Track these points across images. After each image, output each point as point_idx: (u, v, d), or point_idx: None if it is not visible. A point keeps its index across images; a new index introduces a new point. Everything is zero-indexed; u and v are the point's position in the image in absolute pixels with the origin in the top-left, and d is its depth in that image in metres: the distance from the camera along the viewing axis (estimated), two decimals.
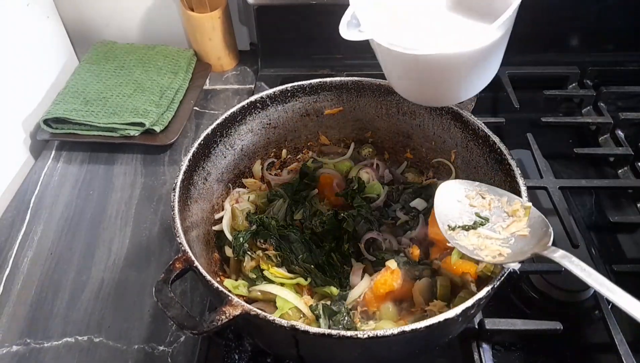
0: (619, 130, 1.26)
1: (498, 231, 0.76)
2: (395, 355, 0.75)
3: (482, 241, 0.75)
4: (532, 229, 0.74)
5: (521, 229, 0.74)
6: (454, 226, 0.78)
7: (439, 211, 0.79)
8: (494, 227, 0.77)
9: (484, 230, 0.77)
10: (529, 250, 0.70)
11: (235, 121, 0.98)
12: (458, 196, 0.82)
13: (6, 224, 1.14)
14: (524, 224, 0.75)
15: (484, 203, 0.80)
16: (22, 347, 0.93)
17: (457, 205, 0.81)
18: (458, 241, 0.76)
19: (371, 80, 1.02)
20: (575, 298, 0.95)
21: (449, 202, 0.81)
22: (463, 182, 0.83)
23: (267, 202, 1.01)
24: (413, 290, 0.86)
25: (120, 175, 1.25)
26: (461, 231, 0.77)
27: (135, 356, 0.91)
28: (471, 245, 0.75)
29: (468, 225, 0.78)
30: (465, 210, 0.80)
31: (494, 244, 0.74)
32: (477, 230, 0.77)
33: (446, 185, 0.83)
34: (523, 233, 0.74)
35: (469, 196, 0.81)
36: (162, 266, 0.77)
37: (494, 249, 0.73)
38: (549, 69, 1.42)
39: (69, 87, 1.35)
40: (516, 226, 0.75)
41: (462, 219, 0.79)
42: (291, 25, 1.40)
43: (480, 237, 0.76)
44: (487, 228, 0.77)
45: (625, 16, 1.39)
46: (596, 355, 0.92)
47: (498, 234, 0.75)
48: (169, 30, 1.54)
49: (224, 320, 0.65)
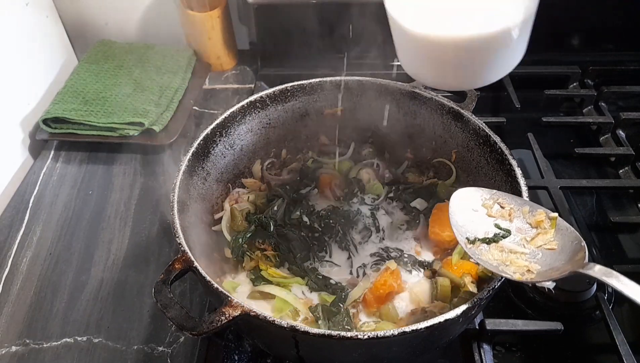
0: (620, 130, 1.26)
1: (522, 244, 0.69)
2: (395, 355, 0.75)
3: (507, 256, 0.69)
4: (560, 242, 0.67)
5: (548, 242, 0.68)
6: (473, 239, 0.71)
7: (455, 221, 0.73)
8: (517, 240, 0.70)
9: (507, 243, 0.70)
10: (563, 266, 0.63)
11: (234, 121, 0.98)
12: (474, 204, 0.75)
13: (5, 224, 1.14)
14: (550, 236, 0.68)
15: (503, 212, 0.73)
16: (21, 348, 0.92)
17: (474, 215, 0.74)
18: (480, 257, 0.69)
19: (371, 80, 1.01)
20: (576, 298, 0.95)
21: (465, 212, 0.74)
22: (479, 189, 0.77)
23: (267, 202, 1.01)
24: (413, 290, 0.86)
25: (120, 175, 1.24)
26: (482, 245, 0.71)
27: (134, 356, 0.91)
28: (495, 261, 0.68)
29: (489, 238, 0.71)
30: (483, 221, 0.73)
31: (519, 259, 0.68)
32: (499, 244, 0.70)
33: (461, 193, 0.76)
34: (551, 247, 0.67)
35: (486, 204, 0.75)
36: (162, 266, 0.77)
37: (521, 264, 0.67)
38: (550, 68, 1.41)
39: (68, 87, 1.35)
40: (542, 239, 0.69)
41: (481, 231, 0.71)
42: (291, 25, 1.40)
43: (504, 251, 0.69)
44: (510, 241, 0.70)
45: (625, 16, 1.39)
46: (597, 355, 0.91)
47: (523, 248, 0.69)
48: (168, 29, 1.54)
49: (223, 320, 0.65)
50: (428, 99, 0.98)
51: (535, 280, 0.65)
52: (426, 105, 0.99)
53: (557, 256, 0.66)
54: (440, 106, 0.97)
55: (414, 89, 0.99)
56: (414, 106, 1.01)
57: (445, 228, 0.92)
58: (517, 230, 0.72)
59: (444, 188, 1.01)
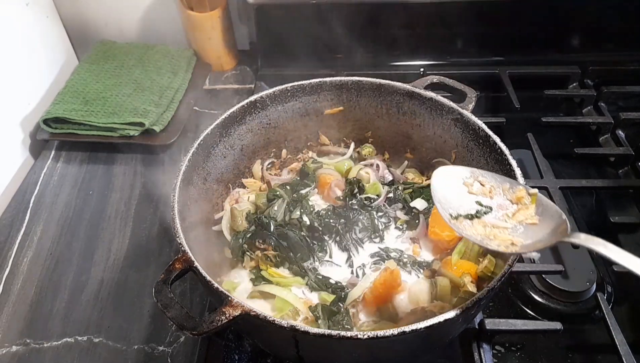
0: (620, 130, 1.26)
1: (504, 219, 0.72)
2: (395, 355, 0.75)
3: (490, 231, 0.71)
4: (542, 217, 0.70)
5: (529, 217, 0.70)
6: (456, 215, 0.73)
7: (438, 198, 0.75)
8: (499, 216, 0.72)
9: (489, 218, 0.72)
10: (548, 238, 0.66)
11: (235, 121, 0.98)
12: (456, 182, 0.77)
13: (6, 224, 1.14)
14: (531, 212, 0.71)
15: (484, 190, 0.76)
16: (21, 347, 0.93)
17: (456, 192, 0.76)
18: (464, 231, 0.72)
19: (371, 80, 1.02)
20: (575, 298, 0.95)
21: (448, 189, 0.76)
22: (459, 168, 0.79)
23: (267, 202, 1.01)
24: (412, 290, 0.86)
25: (120, 175, 1.24)
26: (465, 221, 0.73)
27: (134, 356, 0.91)
28: (479, 235, 0.71)
29: (471, 214, 0.73)
30: (465, 197, 0.75)
31: (503, 233, 0.70)
32: (481, 219, 0.72)
33: (442, 171, 0.78)
34: (532, 222, 0.70)
35: (466, 183, 0.77)
36: (162, 266, 0.77)
37: (505, 238, 0.69)
38: (550, 68, 1.41)
39: (69, 87, 1.35)
40: (523, 214, 0.71)
41: (464, 207, 0.74)
42: (291, 25, 1.40)
43: (486, 226, 0.71)
44: (492, 217, 0.72)
45: (625, 16, 1.39)
46: (597, 355, 0.91)
47: (505, 223, 0.71)
48: (168, 29, 1.54)
49: (223, 320, 0.65)
50: (427, 99, 0.98)
51: (519, 252, 0.68)
52: (426, 105, 0.99)
53: (539, 230, 0.69)
54: (440, 106, 0.97)
55: (414, 89, 0.99)
56: (413, 106, 1.01)
57: (445, 228, 0.92)
58: (498, 206, 0.74)
59: None
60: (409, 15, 1.37)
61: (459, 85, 1.00)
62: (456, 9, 1.36)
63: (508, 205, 0.74)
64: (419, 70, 1.44)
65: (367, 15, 1.38)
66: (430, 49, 1.45)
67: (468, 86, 0.99)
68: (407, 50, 1.45)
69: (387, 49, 1.45)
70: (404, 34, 1.42)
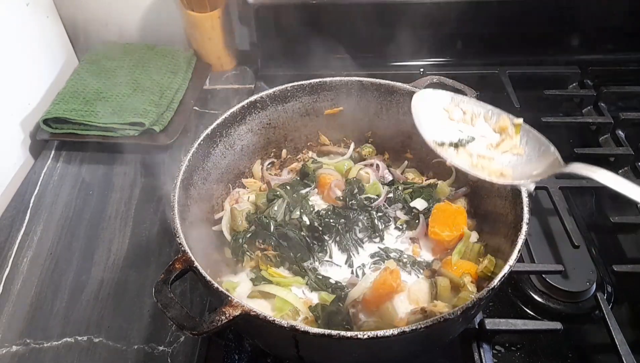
0: (620, 130, 1.26)
1: (488, 149, 0.69)
2: (395, 355, 0.75)
3: (477, 161, 0.68)
4: (528, 147, 0.67)
5: (514, 147, 0.67)
6: (441, 142, 0.70)
7: (419, 123, 0.71)
8: (482, 145, 0.69)
9: (473, 148, 0.69)
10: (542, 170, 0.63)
11: (235, 121, 0.98)
12: (436, 107, 0.73)
13: (6, 224, 1.14)
14: (516, 142, 0.68)
15: (465, 118, 0.72)
16: (21, 347, 0.93)
17: (437, 118, 0.72)
18: (451, 159, 0.68)
19: (371, 80, 1.02)
20: (575, 298, 0.95)
21: (429, 114, 0.72)
22: (440, 92, 0.75)
23: (267, 202, 1.01)
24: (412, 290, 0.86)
25: (120, 175, 1.24)
26: (449, 148, 0.69)
27: (135, 356, 0.91)
28: (466, 164, 0.68)
29: (454, 142, 0.70)
30: (446, 124, 0.71)
31: (492, 164, 0.67)
32: (466, 148, 0.69)
33: (422, 94, 0.74)
34: (518, 152, 0.67)
35: (447, 108, 0.73)
36: (162, 266, 0.77)
37: (494, 169, 0.66)
38: (549, 69, 1.42)
39: (69, 87, 1.35)
40: (508, 144, 0.68)
41: (446, 135, 0.70)
42: (291, 25, 1.40)
43: (472, 156, 0.68)
44: (476, 146, 0.69)
45: (625, 17, 1.39)
46: (596, 355, 0.92)
47: (490, 153, 0.68)
48: (168, 30, 1.54)
49: (223, 320, 0.65)
50: None
51: (512, 183, 0.66)
52: None
53: (527, 161, 0.67)
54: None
55: (414, 89, 0.99)
56: None
57: (445, 227, 0.92)
58: (481, 135, 0.71)
59: (443, 188, 1.01)
60: (409, 15, 1.37)
61: (459, 85, 1.00)
62: (456, 9, 1.36)
63: (491, 135, 0.70)
64: (419, 70, 1.44)
65: (367, 15, 1.38)
66: (430, 49, 1.45)
67: (468, 86, 0.99)
68: (407, 50, 1.45)
69: (387, 49, 1.45)
70: (404, 34, 1.42)
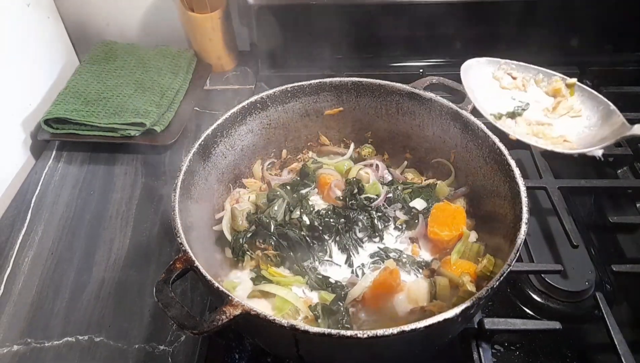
0: None
1: (545, 115, 0.65)
2: (395, 354, 0.76)
3: (537, 129, 0.64)
4: (585, 108, 0.63)
5: (571, 109, 0.64)
6: (498, 115, 0.66)
7: (475, 97, 0.68)
8: (538, 111, 0.65)
9: (531, 115, 0.65)
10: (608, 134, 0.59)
11: (235, 122, 0.98)
12: (486, 78, 0.70)
13: (7, 224, 1.14)
14: (572, 103, 0.64)
15: (516, 83, 0.69)
16: (23, 347, 0.93)
17: (489, 89, 0.69)
18: (514, 133, 0.64)
19: (371, 80, 1.02)
20: (574, 298, 0.95)
21: (480, 86, 0.69)
22: (486, 60, 0.71)
23: (267, 202, 1.01)
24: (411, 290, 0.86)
25: (121, 175, 1.25)
26: (507, 120, 0.66)
27: (135, 355, 0.91)
28: (526, 135, 0.64)
29: (510, 112, 0.66)
30: (498, 93, 0.68)
31: (551, 130, 0.63)
32: (523, 116, 0.66)
33: (470, 66, 0.70)
34: (576, 114, 0.63)
35: (496, 76, 0.70)
36: (163, 266, 0.78)
37: (555, 136, 0.62)
38: (549, 69, 1.41)
39: (70, 88, 1.35)
40: (564, 106, 0.65)
41: (501, 106, 0.66)
42: (291, 26, 1.41)
43: (531, 124, 0.65)
44: (532, 112, 0.65)
45: (625, 16, 1.39)
46: (596, 354, 0.92)
47: (547, 118, 0.64)
48: (169, 30, 1.54)
49: (224, 319, 0.65)
50: (427, 100, 0.98)
51: (580, 152, 0.61)
52: (425, 106, 0.99)
53: (587, 123, 0.62)
54: (439, 107, 0.97)
55: (413, 90, 0.99)
56: (412, 107, 1.01)
57: (444, 227, 0.92)
58: (535, 101, 0.67)
59: (442, 188, 1.01)
60: (409, 15, 1.38)
61: (459, 85, 1.00)
62: (456, 9, 1.36)
63: (545, 98, 0.67)
64: (418, 70, 1.44)
65: (367, 15, 1.39)
66: (430, 49, 1.46)
67: None
68: (407, 50, 1.45)
69: (387, 49, 1.45)
70: (403, 34, 1.43)
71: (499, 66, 0.71)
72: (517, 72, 0.70)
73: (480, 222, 0.96)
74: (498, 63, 0.71)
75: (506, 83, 0.70)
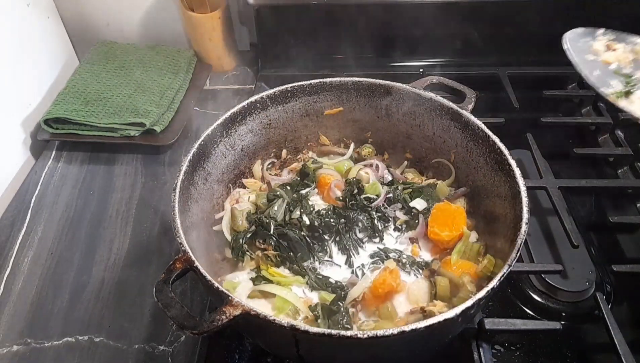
0: (619, 130, 1.26)
1: None
2: (395, 355, 0.76)
3: None
4: None
5: None
6: (613, 93, 0.63)
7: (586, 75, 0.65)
8: None
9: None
10: None
11: (235, 122, 0.98)
12: (588, 52, 0.67)
13: (7, 224, 1.14)
14: None
15: (617, 56, 0.66)
16: (22, 347, 0.93)
17: (594, 65, 0.65)
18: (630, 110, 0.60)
19: (371, 80, 1.02)
20: (575, 298, 0.95)
21: (587, 63, 0.66)
22: (583, 31, 0.67)
23: (267, 202, 1.01)
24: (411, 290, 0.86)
25: (121, 175, 1.25)
26: (622, 99, 0.63)
27: (135, 356, 0.91)
28: None
29: (622, 91, 0.63)
30: (601, 69, 0.65)
31: None
32: (635, 93, 0.62)
33: (572, 39, 0.67)
34: None
35: (595, 50, 0.68)
36: (163, 266, 0.77)
37: None
38: (549, 69, 1.42)
39: (70, 88, 1.35)
40: None
41: (607, 82, 0.63)
42: (291, 26, 1.41)
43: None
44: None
45: (624, 17, 1.38)
46: (596, 355, 0.92)
47: None
48: (169, 30, 1.54)
49: (224, 320, 0.65)
50: (427, 100, 0.98)
51: None
52: (425, 105, 0.99)
53: None
54: (439, 107, 0.97)
55: (413, 90, 0.99)
56: (413, 107, 1.01)
57: (445, 227, 0.92)
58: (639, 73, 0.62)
59: (443, 188, 1.01)
60: (409, 15, 1.38)
61: (459, 85, 1.01)
62: (456, 9, 1.36)
63: None
64: (418, 70, 1.44)
65: (367, 15, 1.39)
66: (430, 49, 1.46)
67: (467, 86, 1.00)
68: (407, 50, 1.45)
69: (387, 49, 1.45)
70: (403, 34, 1.43)
71: (598, 37, 0.67)
72: (616, 44, 0.67)
73: (480, 222, 0.96)
74: (592, 34, 0.67)
75: (608, 57, 0.66)
